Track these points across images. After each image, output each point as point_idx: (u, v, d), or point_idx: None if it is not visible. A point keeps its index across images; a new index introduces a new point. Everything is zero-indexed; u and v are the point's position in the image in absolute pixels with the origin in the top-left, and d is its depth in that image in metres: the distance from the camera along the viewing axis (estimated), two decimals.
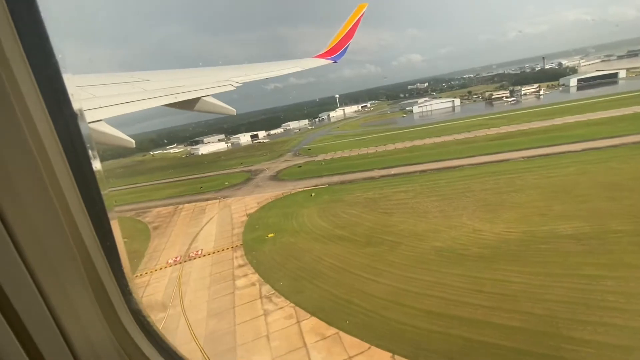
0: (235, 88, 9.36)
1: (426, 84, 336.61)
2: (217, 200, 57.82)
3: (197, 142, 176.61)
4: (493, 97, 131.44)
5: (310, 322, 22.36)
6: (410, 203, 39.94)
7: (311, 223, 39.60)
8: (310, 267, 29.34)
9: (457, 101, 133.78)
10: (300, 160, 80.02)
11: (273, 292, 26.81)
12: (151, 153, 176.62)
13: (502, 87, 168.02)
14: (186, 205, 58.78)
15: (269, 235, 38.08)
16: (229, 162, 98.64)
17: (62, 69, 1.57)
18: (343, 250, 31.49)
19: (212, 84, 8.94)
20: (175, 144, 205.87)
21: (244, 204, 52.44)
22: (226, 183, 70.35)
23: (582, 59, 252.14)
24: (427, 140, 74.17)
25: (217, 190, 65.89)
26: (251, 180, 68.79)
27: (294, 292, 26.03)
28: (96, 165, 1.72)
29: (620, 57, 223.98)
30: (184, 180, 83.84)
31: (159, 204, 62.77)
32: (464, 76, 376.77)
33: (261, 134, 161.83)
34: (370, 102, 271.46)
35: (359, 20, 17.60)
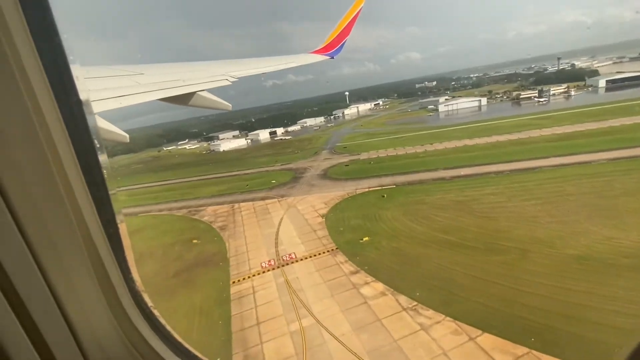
0: (231, 83, 9.23)
1: (434, 82, 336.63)
2: (276, 200, 55.71)
3: (212, 138, 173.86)
4: (521, 96, 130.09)
5: (487, 340, 20.57)
6: (508, 207, 38.24)
7: (404, 226, 37.77)
8: (441, 276, 27.53)
9: (484, 100, 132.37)
10: (341, 159, 77.99)
11: (414, 303, 24.96)
12: (164, 148, 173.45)
13: (523, 87, 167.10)
14: (242, 204, 56.56)
15: (364, 239, 36.18)
16: (259, 160, 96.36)
17: (70, 62, 1.59)
18: (465, 257, 29.70)
19: (208, 78, 8.79)
20: (187, 140, 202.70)
21: (309, 204, 50.42)
22: (273, 181, 68.20)
23: (593, 60, 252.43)
24: (478, 140, 72.50)
25: (267, 188, 63.72)
26: (300, 179, 66.69)
27: (442, 304, 24.21)
28: (103, 157, 1.75)
29: (633, 59, 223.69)
30: (222, 177, 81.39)
31: (210, 202, 60.50)
32: (471, 75, 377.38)
33: (279, 130, 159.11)
34: (381, 99, 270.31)
35: (355, 16, 17.53)
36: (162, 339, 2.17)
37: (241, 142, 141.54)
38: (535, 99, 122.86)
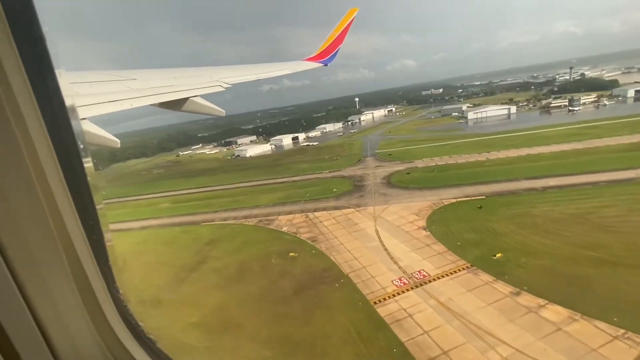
0: (224, 89, 9.31)
1: (441, 90, 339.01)
2: (353, 210, 53.40)
3: (230, 143, 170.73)
4: (551, 105, 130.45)
5: None
6: (634, 220, 36.69)
7: (533, 242, 35.89)
8: (625, 298, 25.60)
9: (513, 108, 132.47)
10: (395, 167, 76.03)
11: (621, 330, 22.96)
12: (181, 153, 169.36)
13: (544, 96, 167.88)
14: (316, 214, 54.07)
15: (498, 255, 34.19)
16: (299, 166, 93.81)
17: (55, 65, 1.61)
18: (634, 277, 27.89)
19: (201, 84, 8.86)
20: (201, 144, 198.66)
21: (397, 215, 48.29)
22: (334, 189, 65.87)
23: (599, 70, 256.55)
24: (539, 149, 71.28)
25: (332, 197, 61.35)
26: (363, 187, 64.47)
27: None
28: (87, 162, 1.76)
29: None
30: (271, 184, 78.63)
31: (276, 211, 57.86)
32: (474, 82, 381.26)
33: (300, 136, 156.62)
34: (391, 106, 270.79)
35: (349, 24, 17.79)
36: (149, 353, 2.10)
37: (266, 148, 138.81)
38: (567, 108, 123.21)
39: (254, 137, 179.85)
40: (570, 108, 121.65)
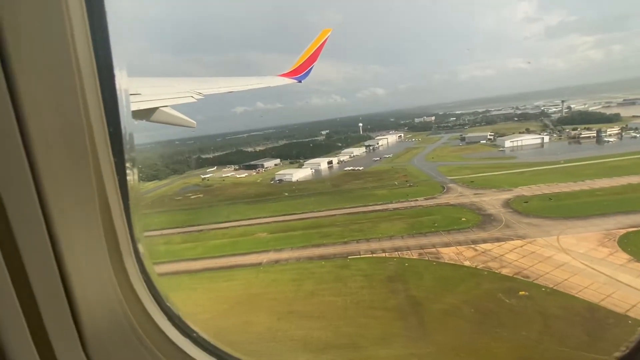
0: (196, 100, 9.19)
1: (433, 118, 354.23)
2: (521, 241, 51.70)
3: (255, 166, 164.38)
4: (581, 135, 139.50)
5: None
6: None
7: None
8: None
9: (546, 138, 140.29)
10: (490, 195, 75.65)
11: None
12: (204, 176, 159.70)
13: (554, 127, 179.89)
14: (482, 246, 51.66)
15: None
16: (374, 192, 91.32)
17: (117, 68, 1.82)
18: None
19: (172, 94, 8.67)
20: (215, 167, 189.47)
21: (583, 246, 47.33)
22: (463, 219, 64.03)
23: (581, 103, 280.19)
24: (627, 179, 74.38)
25: (470, 227, 59.43)
26: (493, 217, 63.05)
27: None
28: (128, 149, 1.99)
29: (621, 104, 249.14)
30: (369, 212, 75.14)
31: (424, 243, 54.77)
32: (455, 111, 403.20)
33: (334, 160, 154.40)
34: (392, 131, 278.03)
35: (323, 44, 18.48)
36: (168, 317, 2.18)
37: (307, 172, 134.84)
38: (595, 139, 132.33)
39: (277, 160, 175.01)
40: (602, 139, 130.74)
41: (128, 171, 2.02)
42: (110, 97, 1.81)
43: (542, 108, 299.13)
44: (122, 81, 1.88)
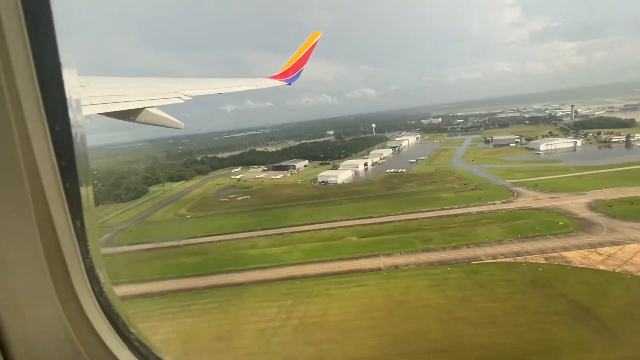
0: (184, 101, 9.31)
1: (440, 119, 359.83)
2: None
3: (286, 167, 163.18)
4: (612, 140, 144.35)
5: None
6: None
7: None
8: None
9: (579, 142, 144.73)
10: (564, 199, 77.46)
11: None
12: (235, 177, 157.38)
13: (579, 132, 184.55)
14: (606, 249, 53.12)
15: None
16: (437, 196, 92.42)
17: (63, 67, 1.74)
18: None
19: (159, 95, 8.83)
20: (240, 167, 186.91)
21: None
22: (560, 223, 65.55)
23: (582, 107, 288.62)
24: None
25: (574, 231, 60.99)
26: (589, 221, 64.78)
27: None
28: (82, 149, 1.88)
29: (623, 109, 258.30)
30: (448, 216, 76.07)
31: (544, 248, 55.83)
32: (463, 113, 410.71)
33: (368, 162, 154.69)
34: (404, 132, 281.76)
35: (312, 47, 18.93)
36: (129, 346, 2.02)
37: (348, 174, 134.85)
38: (624, 143, 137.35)
39: (306, 162, 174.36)
40: (631, 144, 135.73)
41: (81, 178, 1.85)
42: (56, 97, 1.70)
43: (547, 112, 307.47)
44: (72, 80, 1.78)
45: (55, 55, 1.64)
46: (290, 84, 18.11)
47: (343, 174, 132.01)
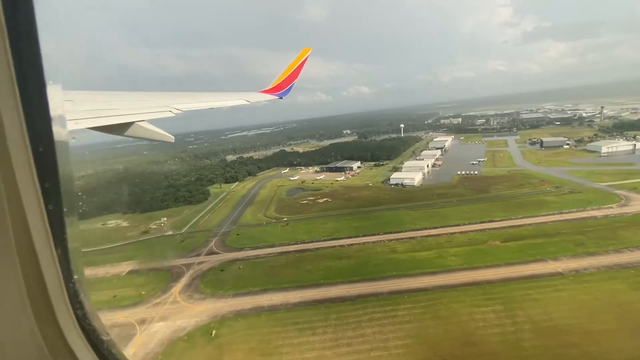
0: (174, 115, 9.53)
1: (460, 120, 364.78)
2: None
3: (342, 169, 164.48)
4: None
5: None
6: None
7: None
8: None
9: (638, 144, 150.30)
10: None
11: None
12: (292, 178, 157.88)
13: (611, 133, 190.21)
14: None
15: None
16: (541, 199, 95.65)
17: (47, 80, 1.77)
18: None
19: (149, 108, 8.99)
20: (288, 169, 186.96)
21: None
22: None
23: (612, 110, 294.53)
24: None
25: None
26: None
27: None
28: (62, 153, 1.88)
29: None
30: (574, 219, 79.12)
31: None
32: (476, 112, 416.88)
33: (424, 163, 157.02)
34: (429, 132, 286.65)
35: (303, 62, 19.95)
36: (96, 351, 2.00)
37: (419, 176, 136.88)
38: None
39: (358, 163, 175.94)
40: None
41: (65, 195, 1.82)
42: (40, 115, 1.66)
43: (571, 112, 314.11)
44: (57, 96, 1.75)
45: (39, 72, 1.62)
46: (282, 98, 18.79)
47: (414, 175, 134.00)
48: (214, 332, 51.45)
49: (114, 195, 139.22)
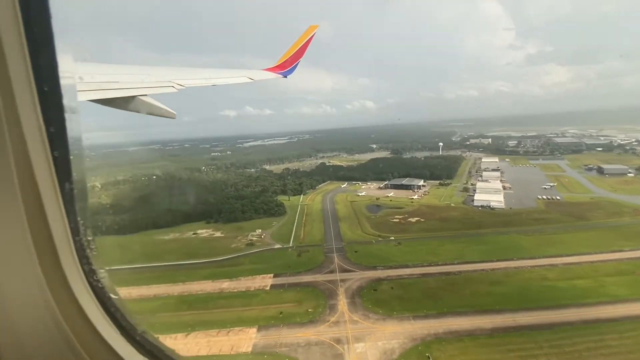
0: (177, 90, 9.41)
1: (490, 140, 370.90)
2: None
3: (409, 186, 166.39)
4: None
5: None
6: None
7: None
8: None
9: None
10: None
11: None
12: (360, 194, 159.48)
13: None
14: None
15: None
16: None
17: (59, 65, 1.84)
18: None
19: (152, 83, 8.94)
20: (347, 183, 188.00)
21: None
22: None
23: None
24: None
25: None
26: None
27: None
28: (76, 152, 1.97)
29: None
30: None
31: None
32: (495, 133, 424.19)
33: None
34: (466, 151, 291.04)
35: (309, 40, 19.42)
36: (121, 331, 2.12)
37: (500, 197, 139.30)
38: None
39: (421, 181, 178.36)
40: None
41: (78, 167, 1.92)
42: (50, 87, 1.73)
43: (604, 139, 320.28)
44: (68, 66, 1.83)
45: (51, 45, 1.70)
46: (286, 76, 18.48)
47: (499, 197, 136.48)
48: (429, 355, 52.43)
49: (187, 203, 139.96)
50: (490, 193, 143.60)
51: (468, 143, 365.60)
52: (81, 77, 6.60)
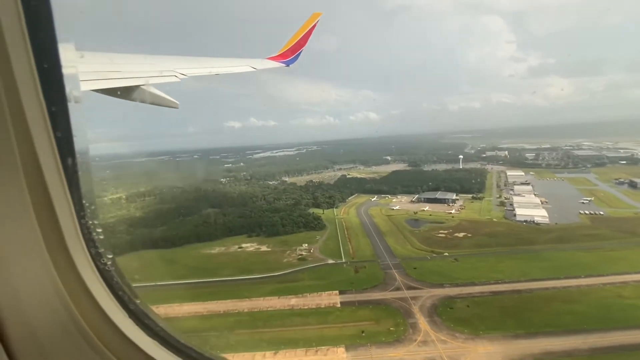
0: (180, 80, 9.49)
1: (506, 152, 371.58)
2: None
3: (443, 200, 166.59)
4: None
5: None
6: None
7: None
8: None
9: None
10: None
11: None
12: (394, 208, 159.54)
13: None
14: None
15: None
16: None
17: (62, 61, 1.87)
18: None
19: (154, 73, 9.01)
20: (376, 197, 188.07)
21: None
22: None
23: None
24: None
25: None
26: None
27: None
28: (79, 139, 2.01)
29: None
30: None
31: None
32: (509, 145, 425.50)
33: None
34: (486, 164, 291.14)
35: (312, 28, 19.05)
36: (130, 314, 2.18)
37: (543, 212, 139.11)
38: None
39: (454, 195, 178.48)
40: None
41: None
42: (50, 64, 1.75)
43: (624, 152, 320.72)
44: (69, 54, 1.86)
45: (51, 29, 1.73)
46: (288, 65, 18.40)
47: (543, 212, 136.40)
48: None
49: (226, 216, 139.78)
50: (530, 208, 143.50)
51: (484, 155, 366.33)
52: (83, 66, 6.64)
